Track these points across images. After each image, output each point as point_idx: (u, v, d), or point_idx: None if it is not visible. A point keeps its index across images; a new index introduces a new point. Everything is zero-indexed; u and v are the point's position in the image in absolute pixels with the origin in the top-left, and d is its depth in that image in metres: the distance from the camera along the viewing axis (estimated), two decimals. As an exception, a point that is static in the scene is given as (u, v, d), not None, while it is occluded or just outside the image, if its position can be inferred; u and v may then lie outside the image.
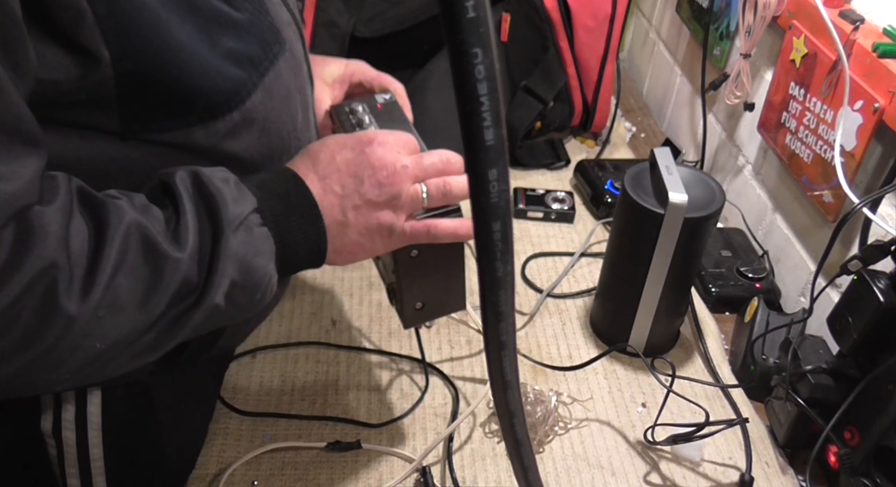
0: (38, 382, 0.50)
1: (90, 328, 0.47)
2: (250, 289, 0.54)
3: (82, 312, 0.46)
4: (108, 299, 0.47)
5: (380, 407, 0.85)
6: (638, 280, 0.87)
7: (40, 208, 0.46)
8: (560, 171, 1.29)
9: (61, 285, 0.45)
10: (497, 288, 0.29)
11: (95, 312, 0.46)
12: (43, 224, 0.45)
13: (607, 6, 1.25)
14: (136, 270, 0.49)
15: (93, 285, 0.46)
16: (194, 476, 0.77)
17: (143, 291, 0.49)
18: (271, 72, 0.60)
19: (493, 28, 0.26)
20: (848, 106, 0.84)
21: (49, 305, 0.45)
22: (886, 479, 0.71)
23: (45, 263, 0.45)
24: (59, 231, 0.46)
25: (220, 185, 0.54)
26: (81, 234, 0.47)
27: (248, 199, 0.55)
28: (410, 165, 0.61)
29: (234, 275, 0.52)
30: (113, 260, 0.47)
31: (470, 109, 0.26)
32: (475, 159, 0.27)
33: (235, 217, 0.53)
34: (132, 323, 0.49)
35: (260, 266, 0.54)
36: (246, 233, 0.53)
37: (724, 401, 0.89)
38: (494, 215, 0.27)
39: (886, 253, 0.73)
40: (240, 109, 0.58)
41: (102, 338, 0.48)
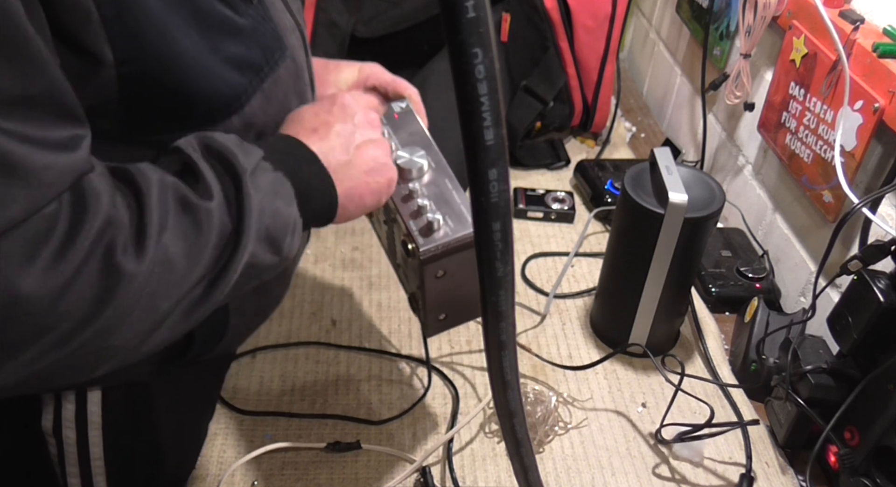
0: (103, 352, 0.49)
1: (148, 285, 0.48)
2: (279, 232, 0.55)
3: (140, 269, 0.47)
4: (160, 255, 0.48)
5: (380, 407, 0.85)
6: (638, 280, 0.87)
7: (88, 174, 0.47)
8: (560, 171, 1.29)
9: (119, 244, 0.46)
10: (497, 288, 0.29)
11: (151, 268, 0.48)
12: (94, 187, 0.47)
13: (607, 6, 1.25)
14: (178, 225, 0.50)
15: (144, 243, 0.48)
16: (194, 475, 0.77)
17: (187, 245, 0.50)
18: (271, 77, 0.61)
19: (493, 28, 0.26)
20: (848, 106, 0.84)
21: (111, 264, 0.46)
22: (886, 479, 0.71)
23: (103, 222, 0.46)
24: (108, 192, 0.47)
25: (224, 140, 0.55)
26: (123, 197, 0.49)
27: (255, 150, 0.56)
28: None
29: (261, 218, 0.53)
30: (157, 217, 0.49)
31: (470, 109, 0.26)
32: (475, 159, 0.27)
33: (249, 165, 0.54)
34: (182, 277, 0.50)
35: (283, 209, 0.55)
36: (263, 176, 0.54)
37: (725, 401, 0.89)
38: (494, 214, 0.27)
39: (886, 253, 0.73)
40: (239, 114, 0.58)
41: (159, 295, 0.49)
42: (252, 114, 0.59)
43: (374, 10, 1.26)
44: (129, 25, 0.50)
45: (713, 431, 0.81)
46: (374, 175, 0.63)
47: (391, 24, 1.25)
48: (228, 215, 0.52)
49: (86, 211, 0.46)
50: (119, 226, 0.47)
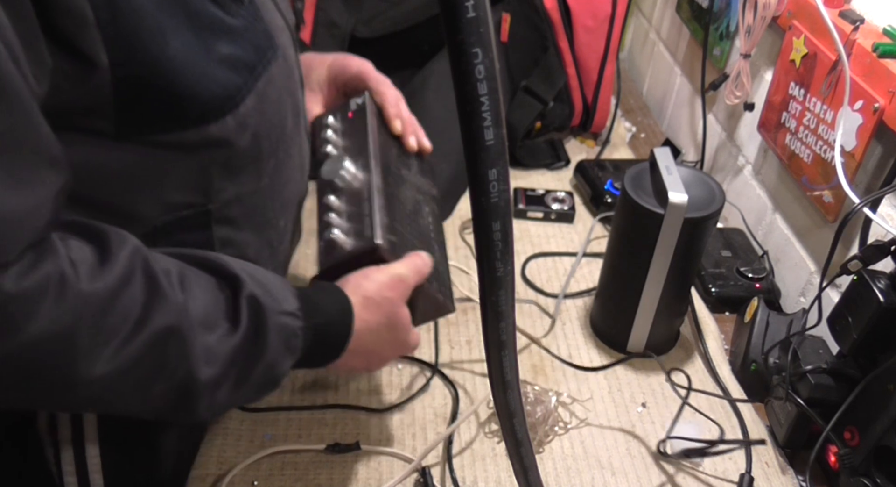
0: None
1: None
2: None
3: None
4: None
5: (380, 407, 0.85)
6: (638, 280, 0.87)
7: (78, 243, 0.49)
8: (560, 171, 1.29)
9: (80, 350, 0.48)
10: (497, 288, 0.29)
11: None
12: (72, 258, 0.47)
13: (607, 6, 1.25)
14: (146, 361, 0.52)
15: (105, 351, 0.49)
16: (194, 476, 0.77)
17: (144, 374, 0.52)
18: (264, 76, 0.61)
19: (493, 28, 0.26)
20: (848, 106, 0.84)
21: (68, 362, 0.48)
22: (886, 479, 0.71)
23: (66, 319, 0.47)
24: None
25: (276, 340, 0.58)
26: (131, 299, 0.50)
27: (292, 351, 0.60)
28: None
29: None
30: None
31: (470, 109, 0.26)
32: (475, 159, 0.27)
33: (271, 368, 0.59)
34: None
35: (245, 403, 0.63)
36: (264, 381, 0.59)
37: (731, 411, 0.89)
38: (494, 214, 0.27)
39: (886, 253, 0.73)
40: (234, 113, 0.59)
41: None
42: (247, 113, 0.60)
43: (374, 10, 1.26)
44: (124, 28, 0.50)
45: (719, 449, 0.81)
46: (372, 364, 0.69)
47: (391, 24, 1.25)
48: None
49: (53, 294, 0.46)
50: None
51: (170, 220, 0.60)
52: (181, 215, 0.61)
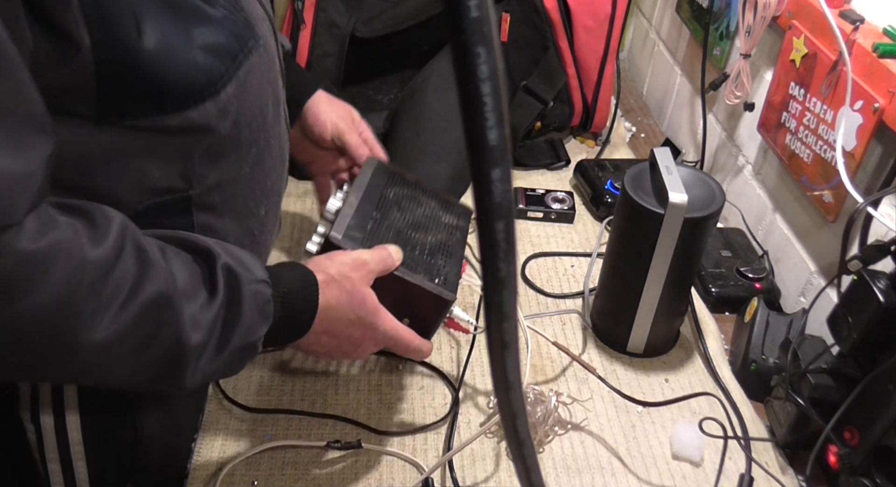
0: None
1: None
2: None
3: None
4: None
5: (380, 407, 0.85)
6: (638, 280, 0.87)
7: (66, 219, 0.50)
8: (560, 171, 1.29)
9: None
10: (500, 288, 0.29)
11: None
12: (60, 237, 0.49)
13: (607, 6, 1.25)
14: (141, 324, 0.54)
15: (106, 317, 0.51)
16: (194, 475, 0.77)
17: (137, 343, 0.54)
18: (246, 65, 0.63)
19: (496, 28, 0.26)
20: (848, 106, 0.84)
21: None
22: (886, 479, 0.71)
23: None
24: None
25: (250, 301, 0.61)
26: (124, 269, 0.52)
27: (267, 316, 0.62)
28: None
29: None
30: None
31: (473, 109, 0.26)
32: (478, 160, 0.27)
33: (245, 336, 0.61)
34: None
35: (224, 375, 0.65)
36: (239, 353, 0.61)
37: (729, 407, 0.89)
38: (498, 214, 0.27)
39: (886, 253, 0.73)
40: (214, 99, 0.60)
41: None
42: (227, 100, 0.61)
43: (374, 10, 1.26)
44: (106, 10, 0.51)
45: (719, 449, 0.81)
46: (343, 346, 0.71)
47: (391, 24, 1.25)
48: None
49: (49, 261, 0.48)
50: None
51: (151, 205, 0.61)
52: (162, 200, 0.62)
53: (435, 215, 0.85)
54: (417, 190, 0.87)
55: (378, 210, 0.79)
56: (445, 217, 0.86)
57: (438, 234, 0.82)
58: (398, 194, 0.84)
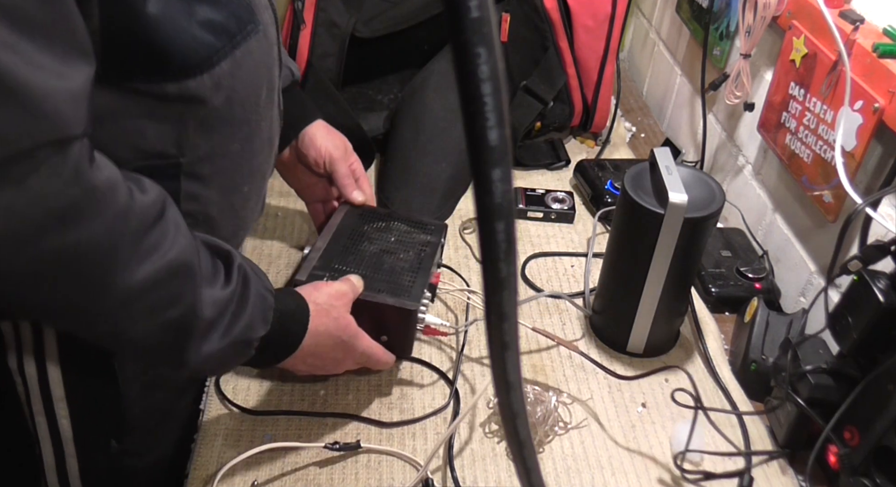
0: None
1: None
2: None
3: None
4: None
5: (380, 407, 0.85)
6: (638, 280, 0.87)
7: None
8: (560, 171, 1.29)
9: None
10: (501, 289, 0.29)
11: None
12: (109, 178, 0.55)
13: (607, 6, 1.25)
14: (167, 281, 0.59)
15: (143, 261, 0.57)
16: (194, 476, 0.77)
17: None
18: (243, 46, 0.67)
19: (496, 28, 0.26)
20: (848, 106, 0.84)
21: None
22: (886, 479, 0.71)
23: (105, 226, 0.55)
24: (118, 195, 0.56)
25: (256, 300, 0.68)
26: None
27: (266, 322, 0.69)
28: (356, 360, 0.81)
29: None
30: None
31: (473, 109, 0.26)
32: (478, 160, 0.27)
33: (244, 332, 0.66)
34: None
35: (218, 370, 0.74)
36: (234, 347, 0.66)
37: (729, 407, 0.89)
38: (498, 215, 0.27)
39: (886, 253, 0.73)
40: (210, 72, 0.64)
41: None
42: (221, 75, 0.65)
43: (375, 10, 1.26)
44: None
45: (719, 449, 0.81)
46: (327, 365, 0.79)
47: (391, 24, 1.25)
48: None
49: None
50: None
51: (142, 166, 0.64)
52: (153, 164, 0.65)
53: (406, 238, 0.93)
54: (389, 220, 0.95)
55: (347, 247, 0.89)
56: (417, 237, 0.93)
57: (408, 254, 0.89)
58: (370, 228, 0.93)
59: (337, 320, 0.76)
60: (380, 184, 1.19)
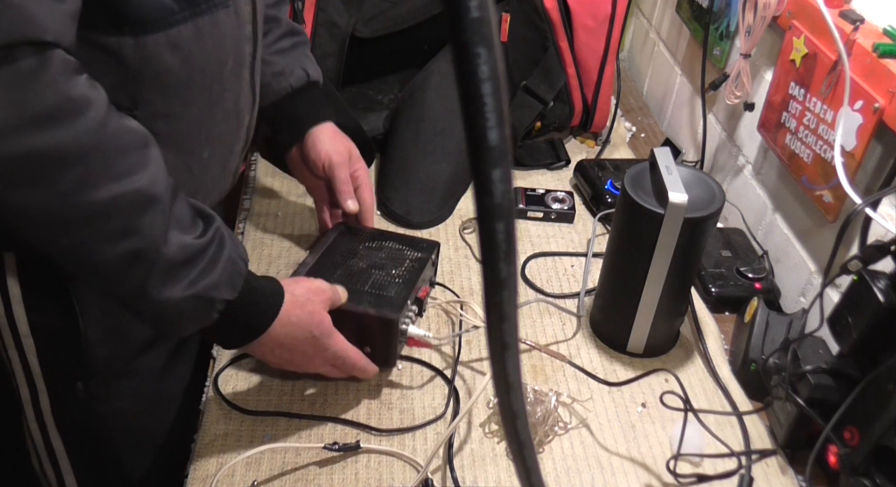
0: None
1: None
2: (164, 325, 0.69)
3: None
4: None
5: (380, 408, 0.85)
6: (638, 280, 0.87)
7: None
8: (560, 171, 1.29)
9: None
10: (500, 289, 0.29)
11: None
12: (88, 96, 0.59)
13: (607, 6, 1.25)
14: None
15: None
16: (193, 476, 0.77)
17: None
18: (208, 17, 0.71)
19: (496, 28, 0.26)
20: (848, 106, 0.84)
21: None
22: (886, 479, 0.71)
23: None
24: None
25: (235, 261, 0.69)
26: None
27: (234, 288, 0.69)
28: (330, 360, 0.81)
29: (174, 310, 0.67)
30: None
31: (473, 109, 0.26)
32: (478, 160, 0.27)
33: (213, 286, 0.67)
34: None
35: (176, 326, 0.70)
36: (199, 304, 0.68)
37: (729, 407, 0.89)
38: (498, 215, 0.27)
39: (886, 253, 0.73)
40: (167, 32, 0.68)
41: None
42: (180, 38, 0.69)
43: (374, 10, 1.26)
44: None
45: (719, 449, 0.81)
46: (295, 359, 0.79)
47: (391, 24, 1.25)
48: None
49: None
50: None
51: None
52: None
53: (396, 254, 0.94)
54: (382, 240, 0.96)
55: (336, 263, 0.90)
56: (407, 253, 0.94)
57: (396, 269, 0.90)
58: (361, 247, 0.94)
59: (311, 314, 0.76)
60: (380, 184, 1.19)
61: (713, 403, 0.88)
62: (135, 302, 0.66)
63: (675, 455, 0.79)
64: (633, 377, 0.88)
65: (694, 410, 0.83)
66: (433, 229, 1.13)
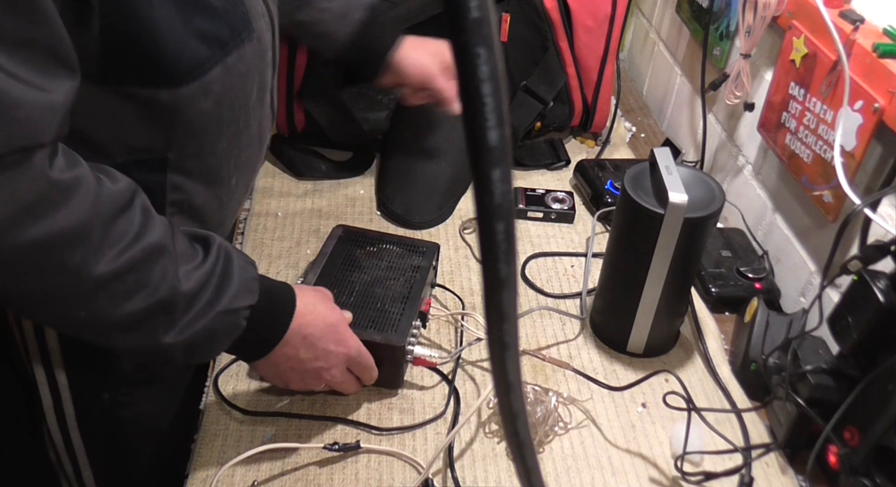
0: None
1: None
2: (190, 355, 0.69)
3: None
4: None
5: (380, 408, 0.85)
6: (638, 280, 0.87)
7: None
8: (560, 171, 1.29)
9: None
10: (500, 289, 0.29)
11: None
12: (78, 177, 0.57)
13: (607, 6, 1.25)
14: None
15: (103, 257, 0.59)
16: (193, 476, 0.77)
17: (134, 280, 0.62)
18: (235, 53, 0.70)
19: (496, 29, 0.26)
20: (848, 106, 0.84)
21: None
22: (886, 479, 0.71)
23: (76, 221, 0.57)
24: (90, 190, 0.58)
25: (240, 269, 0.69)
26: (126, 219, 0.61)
27: (252, 292, 0.70)
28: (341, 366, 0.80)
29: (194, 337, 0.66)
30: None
31: (473, 109, 0.26)
32: (478, 160, 0.27)
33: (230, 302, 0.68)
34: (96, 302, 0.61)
35: (209, 349, 0.70)
36: (225, 317, 0.68)
37: (729, 407, 0.89)
38: (498, 215, 0.27)
39: (886, 253, 0.73)
40: (200, 80, 0.67)
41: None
42: (211, 81, 0.68)
43: (374, 10, 1.26)
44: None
45: (719, 449, 0.81)
46: (309, 371, 0.78)
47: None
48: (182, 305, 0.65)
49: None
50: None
51: (129, 159, 0.68)
52: (140, 158, 0.69)
53: (396, 263, 0.94)
54: (381, 243, 0.97)
55: (338, 279, 0.90)
56: (409, 260, 0.95)
57: (397, 282, 0.91)
58: (361, 253, 0.95)
59: (325, 300, 0.77)
60: (380, 184, 1.19)
61: (713, 403, 0.88)
62: (161, 343, 0.65)
63: (683, 453, 0.79)
64: (634, 381, 0.88)
65: (697, 409, 0.83)
66: (433, 229, 1.13)
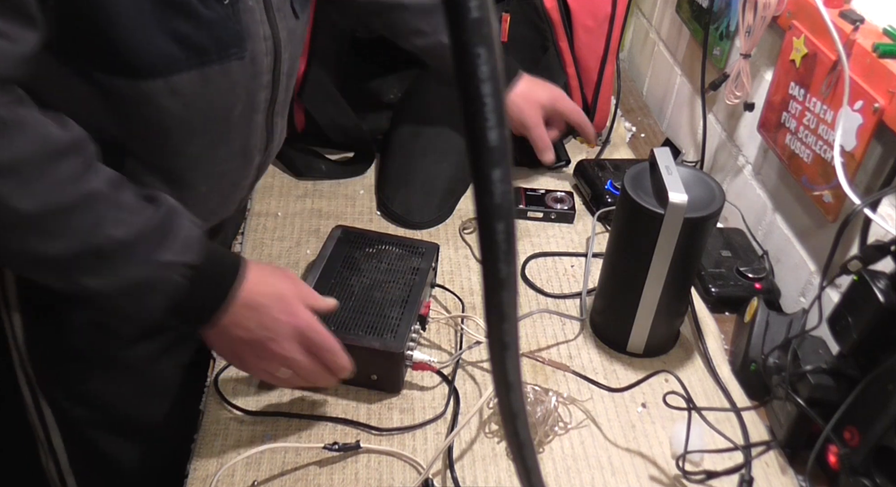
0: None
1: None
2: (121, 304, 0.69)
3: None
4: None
5: (380, 408, 0.85)
6: (638, 280, 0.87)
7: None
8: (560, 171, 1.29)
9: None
10: (500, 289, 0.29)
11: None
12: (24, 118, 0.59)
13: (607, 6, 1.25)
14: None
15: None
16: (193, 476, 0.77)
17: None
18: (217, 66, 0.70)
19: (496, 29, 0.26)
20: (848, 106, 0.84)
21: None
22: (886, 479, 0.71)
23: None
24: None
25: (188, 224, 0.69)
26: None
27: (195, 252, 0.68)
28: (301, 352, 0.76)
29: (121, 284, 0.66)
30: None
31: (473, 109, 0.26)
32: (478, 160, 0.27)
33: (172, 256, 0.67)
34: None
35: (146, 302, 0.68)
36: (161, 271, 0.67)
37: (729, 406, 0.89)
38: (498, 215, 0.27)
39: (886, 253, 0.73)
40: (166, 79, 0.68)
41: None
42: (181, 84, 0.69)
43: (374, 10, 1.26)
44: None
45: (718, 449, 0.81)
46: (257, 350, 0.74)
47: (391, 24, 1.25)
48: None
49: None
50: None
51: (89, 134, 0.67)
52: (101, 136, 0.68)
53: (395, 265, 0.94)
54: (381, 244, 0.97)
55: (336, 283, 0.90)
56: (408, 262, 0.94)
57: (396, 285, 0.90)
58: (360, 255, 0.94)
59: (281, 275, 0.75)
60: (380, 184, 1.19)
61: (713, 402, 0.88)
62: (95, 286, 0.66)
63: (684, 452, 0.79)
64: (634, 382, 0.88)
65: (698, 408, 0.83)
66: (433, 229, 1.13)
